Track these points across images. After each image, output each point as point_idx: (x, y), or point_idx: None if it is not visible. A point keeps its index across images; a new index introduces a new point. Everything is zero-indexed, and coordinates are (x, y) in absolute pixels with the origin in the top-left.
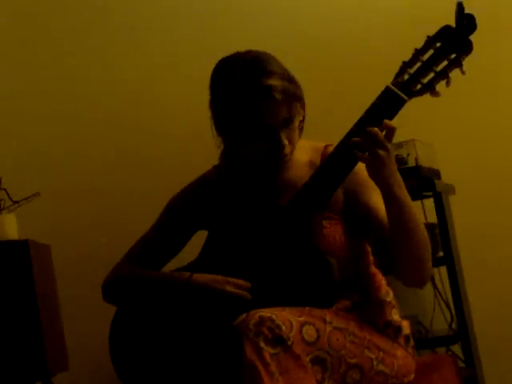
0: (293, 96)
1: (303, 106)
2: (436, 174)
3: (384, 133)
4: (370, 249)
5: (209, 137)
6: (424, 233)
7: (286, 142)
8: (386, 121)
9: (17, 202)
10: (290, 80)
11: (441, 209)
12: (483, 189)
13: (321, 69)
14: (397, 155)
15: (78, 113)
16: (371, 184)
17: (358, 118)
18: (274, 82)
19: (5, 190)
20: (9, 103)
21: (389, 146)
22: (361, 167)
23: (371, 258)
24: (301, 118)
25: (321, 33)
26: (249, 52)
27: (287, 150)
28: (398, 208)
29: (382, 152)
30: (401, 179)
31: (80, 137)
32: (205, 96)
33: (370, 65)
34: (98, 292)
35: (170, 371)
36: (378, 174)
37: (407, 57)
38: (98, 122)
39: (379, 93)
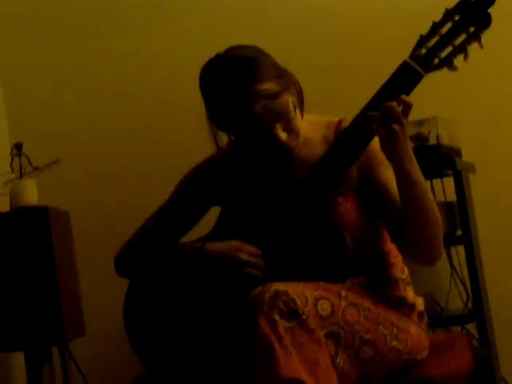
0: (279, 93)
1: (297, 92)
2: (457, 152)
3: (401, 108)
4: None
5: None
6: (435, 210)
7: (283, 135)
8: (403, 96)
9: (37, 168)
10: (276, 74)
11: (460, 187)
12: (504, 168)
13: (336, 43)
14: (418, 133)
15: (101, 81)
16: (385, 161)
17: (375, 92)
18: (258, 87)
19: (26, 155)
20: (31, 72)
21: (404, 121)
22: (376, 143)
23: (387, 234)
24: (295, 103)
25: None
26: (231, 54)
27: (288, 140)
28: (409, 184)
29: (397, 127)
30: (413, 156)
31: (101, 105)
32: None
33: (388, 39)
34: None
35: (182, 341)
36: (391, 148)
37: (425, 30)
38: (120, 91)
39: (396, 67)
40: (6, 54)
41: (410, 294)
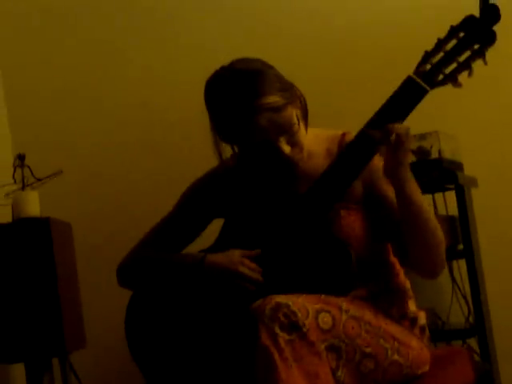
0: (283, 106)
1: (302, 105)
2: (459, 166)
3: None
4: None
5: None
6: (436, 226)
7: (287, 148)
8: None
9: (40, 179)
10: (281, 88)
11: (462, 201)
12: (506, 182)
13: (342, 56)
14: (420, 147)
15: (103, 93)
16: (382, 179)
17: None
18: (262, 100)
19: (28, 167)
20: (33, 81)
21: (406, 145)
22: (380, 158)
23: (389, 247)
24: (299, 116)
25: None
26: (235, 67)
27: (292, 153)
28: (408, 202)
29: (399, 151)
30: (412, 176)
31: (104, 116)
32: None
33: (392, 53)
34: None
35: (183, 353)
36: (393, 171)
37: (430, 46)
38: (123, 102)
39: (401, 82)
40: (10, 65)
41: (412, 307)
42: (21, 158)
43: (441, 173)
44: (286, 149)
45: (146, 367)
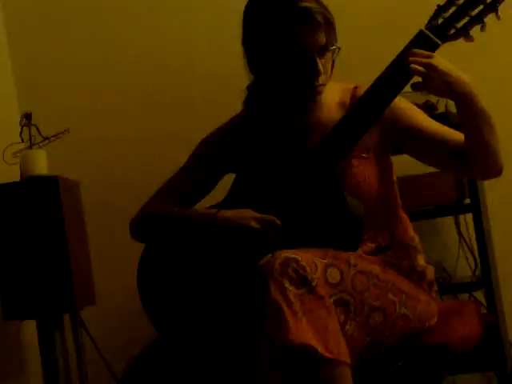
0: (330, 23)
1: (336, 39)
2: None
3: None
4: (398, 193)
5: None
6: (494, 125)
7: (322, 69)
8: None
9: (47, 138)
10: (327, 8)
11: None
12: None
13: (351, 7)
14: (427, 101)
15: (112, 51)
16: (408, 109)
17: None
18: (313, 5)
19: (35, 125)
20: (40, 39)
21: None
22: (399, 102)
23: (399, 201)
24: (335, 51)
25: None
26: None
27: (322, 79)
28: (473, 109)
29: (432, 60)
30: (465, 79)
31: (112, 73)
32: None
33: (401, 8)
34: (126, 227)
35: (194, 307)
36: (441, 85)
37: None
38: (131, 59)
39: (412, 37)
40: (16, 23)
41: (420, 262)
42: (27, 116)
43: (448, 127)
44: (321, 67)
45: (158, 319)
